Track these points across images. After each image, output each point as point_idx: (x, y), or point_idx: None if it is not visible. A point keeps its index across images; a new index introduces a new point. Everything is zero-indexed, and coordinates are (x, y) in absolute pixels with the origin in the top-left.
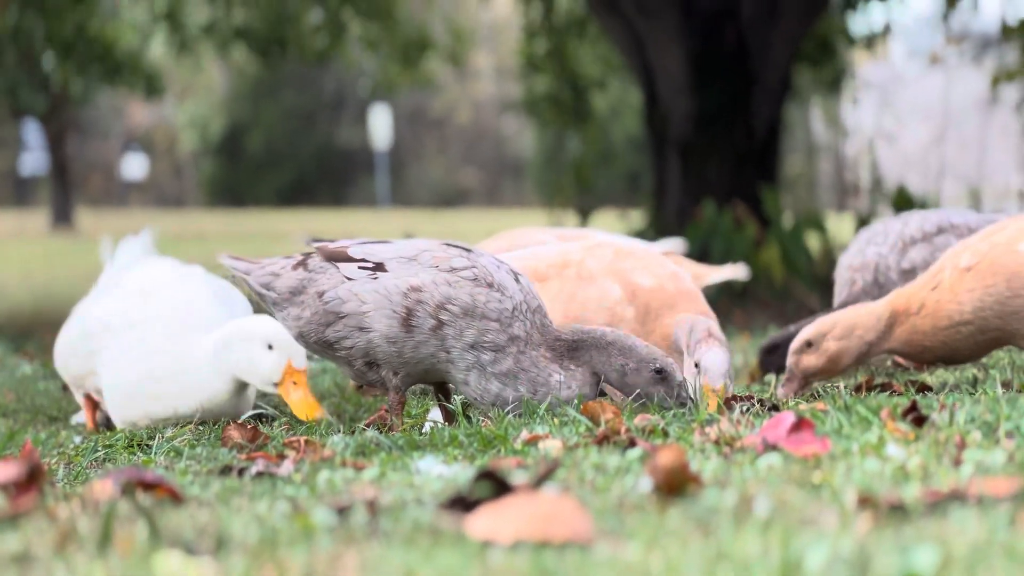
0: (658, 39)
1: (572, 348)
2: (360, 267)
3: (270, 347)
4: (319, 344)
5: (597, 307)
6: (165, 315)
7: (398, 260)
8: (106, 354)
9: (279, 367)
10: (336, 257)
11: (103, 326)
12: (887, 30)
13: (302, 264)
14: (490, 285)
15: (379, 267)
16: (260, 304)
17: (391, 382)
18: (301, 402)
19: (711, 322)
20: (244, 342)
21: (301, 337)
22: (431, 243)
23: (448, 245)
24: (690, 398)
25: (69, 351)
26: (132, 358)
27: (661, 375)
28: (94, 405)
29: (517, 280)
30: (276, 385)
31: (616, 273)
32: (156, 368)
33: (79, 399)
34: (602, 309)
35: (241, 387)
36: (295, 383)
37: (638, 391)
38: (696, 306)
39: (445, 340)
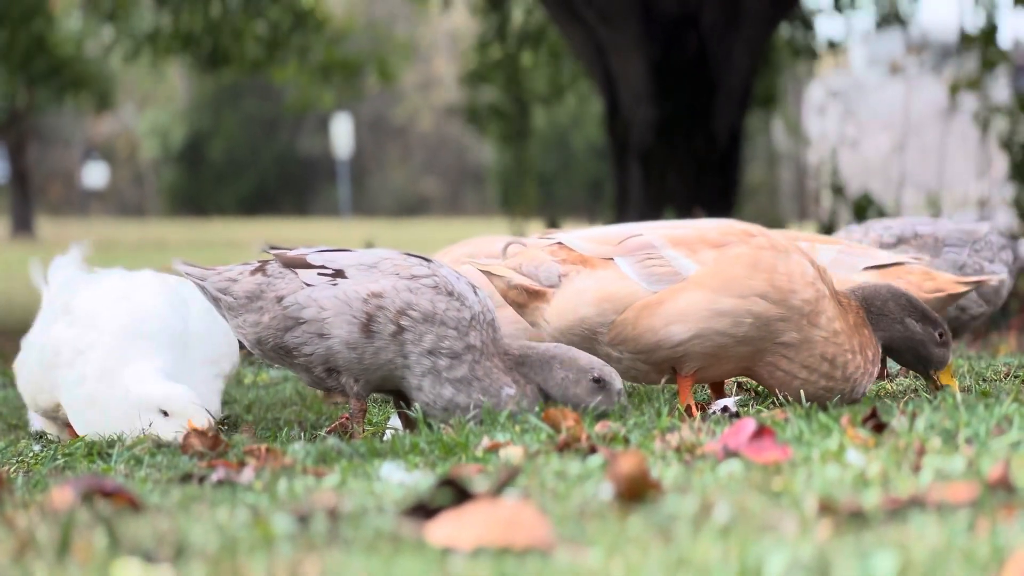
0: (619, 47)
1: (519, 363)
2: (320, 274)
3: (165, 414)
4: (277, 350)
5: (802, 281)
6: (107, 342)
7: (358, 267)
8: (62, 387)
9: (181, 433)
10: (295, 264)
11: (56, 357)
12: (831, 45)
13: (260, 270)
14: (450, 294)
15: (339, 274)
16: (216, 309)
17: (351, 389)
18: None
19: None
20: (143, 410)
21: (259, 343)
22: (391, 252)
23: (408, 255)
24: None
25: (35, 387)
26: (78, 391)
27: (600, 384)
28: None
29: (475, 292)
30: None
31: (799, 250)
32: (96, 400)
33: (53, 428)
34: (806, 284)
35: None
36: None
37: (582, 404)
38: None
39: (404, 346)
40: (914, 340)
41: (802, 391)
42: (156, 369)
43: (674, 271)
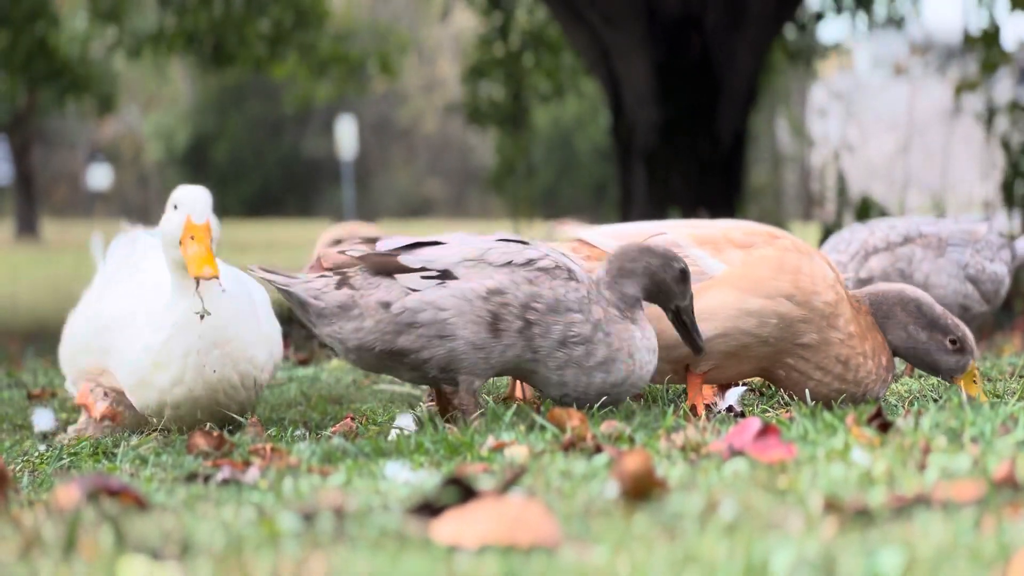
0: (623, 49)
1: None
2: (424, 276)
3: (175, 207)
4: (385, 354)
5: (824, 284)
6: (155, 303)
7: (464, 264)
8: (115, 353)
9: (180, 224)
10: (388, 268)
11: (111, 321)
12: (834, 47)
13: (345, 283)
14: (567, 274)
15: (446, 275)
16: (299, 313)
17: (470, 386)
18: (195, 256)
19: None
20: (168, 208)
21: (361, 349)
22: (487, 240)
23: (503, 239)
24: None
25: (80, 347)
26: (134, 348)
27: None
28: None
29: (573, 260)
30: (180, 245)
31: (818, 252)
32: (148, 343)
33: (75, 389)
34: (828, 287)
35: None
36: (193, 238)
37: None
38: None
39: (532, 340)
40: (918, 348)
41: (812, 391)
42: None
43: (699, 270)
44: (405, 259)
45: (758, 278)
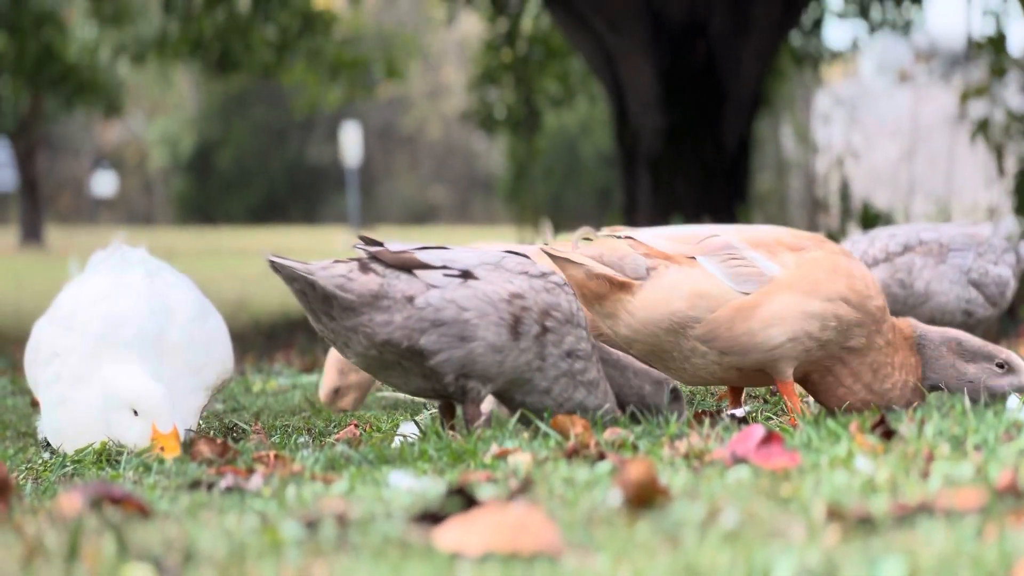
0: (628, 55)
1: (602, 361)
2: (446, 275)
3: (135, 412)
4: (409, 352)
5: (875, 288)
6: (81, 346)
7: (484, 267)
8: (39, 385)
9: (146, 434)
10: (405, 264)
11: (36, 354)
12: (838, 54)
13: (365, 268)
14: (573, 293)
15: (467, 275)
16: (320, 308)
17: (478, 394)
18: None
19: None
20: (111, 409)
21: (388, 344)
22: (496, 250)
23: (510, 252)
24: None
25: (32, 380)
26: (50, 392)
27: (675, 394)
28: None
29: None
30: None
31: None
32: (65, 402)
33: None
34: (878, 292)
35: None
36: (163, 449)
37: (658, 408)
38: None
39: (545, 347)
40: (969, 382)
41: (839, 399)
42: (137, 370)
43: (759, 272)
44: (424, 256)
45: (816, 280)
